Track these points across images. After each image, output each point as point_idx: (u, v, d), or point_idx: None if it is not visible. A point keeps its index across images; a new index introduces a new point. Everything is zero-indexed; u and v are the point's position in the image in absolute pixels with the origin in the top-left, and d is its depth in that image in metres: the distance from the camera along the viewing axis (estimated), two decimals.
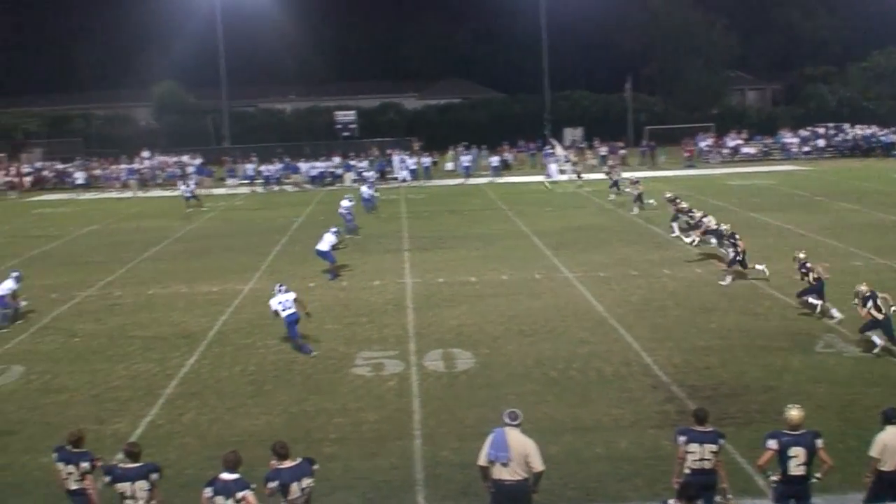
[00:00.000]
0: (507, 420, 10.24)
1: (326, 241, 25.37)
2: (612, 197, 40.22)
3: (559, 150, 55.49)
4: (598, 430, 13.72)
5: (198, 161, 60.65)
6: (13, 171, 61.09)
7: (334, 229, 26.38)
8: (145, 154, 64.05)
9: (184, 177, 53.65)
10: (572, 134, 71.22)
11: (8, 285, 21.39)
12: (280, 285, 18.74)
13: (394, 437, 13.70)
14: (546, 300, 21.77)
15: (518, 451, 10.01)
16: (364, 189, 39.80)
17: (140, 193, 52.62)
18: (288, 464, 9.66)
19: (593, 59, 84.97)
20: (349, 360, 17.38)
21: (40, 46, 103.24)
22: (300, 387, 16.00)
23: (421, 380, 16.17)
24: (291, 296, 18.27)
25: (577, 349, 17.69)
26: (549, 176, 50.31)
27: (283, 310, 18.02)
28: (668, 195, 31.50)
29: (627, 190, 38.30)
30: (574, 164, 51.92)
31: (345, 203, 32.89)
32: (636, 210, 35.77)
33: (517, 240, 30.75)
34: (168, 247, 32.18)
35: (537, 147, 63.35)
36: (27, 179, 59.83)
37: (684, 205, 29.49)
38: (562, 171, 51.08)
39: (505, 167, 57.53)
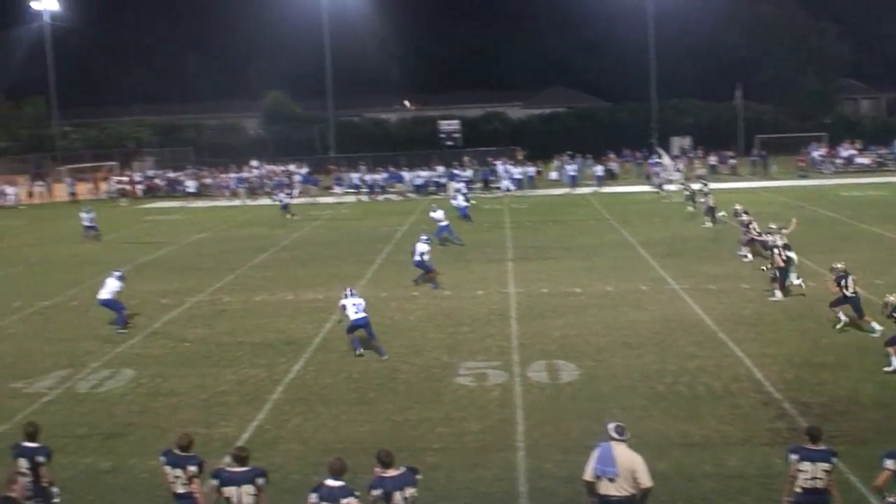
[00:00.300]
0: (613, 434, 10.02)
1: (418, 251, 25.45)
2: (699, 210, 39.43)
3: (666, 160, 54.70)
4: (707, 446, 13.35)
5: (304, 170, 61.68)
6: (126, 178, 63.06)
7: (424, 237, 26.36)
8: (254, 163, 65.37)
9: (290, 185, 54.64)
10: (680, 143, 70.19)
11: (114, 286, 21.79)
12: (350, 289, 19.11)
13: (497, 448, 13.56)
14: (653, 312, 21.37)
15: (625, 467, 9.78)
16: (458, 199, 39.88)
17: (248, 202, 53.73)
18: (392, 472, 9.60)
19: (702, 66, 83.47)
20: (452, 370, 17.32)
21: (154, 58, 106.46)
22: (404, 395, 16.00)
23: (524, 391, 15.99)
24: (361, 301, 18.72)
25: (685, 363, 17.29)
26: (655, 186, 49.63)
27: (356, 312, 18.45)
28: (737, 207, 30.84)
29: (702, 201, 37.67)
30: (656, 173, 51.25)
31: (433, 214, 33.13)
32: (708, 223, 35.03)
33: (623, 250, 30.34)
34: (275, 254, 32.70)
35: (643, 156, 62.61)
36: (139, 187, 61.67)
37: (745, 217, 28.70)
38: (669, 181, 50.32)
39: (610, 177, 57.01)
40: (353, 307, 18.56)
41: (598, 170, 55.79)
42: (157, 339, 20.86)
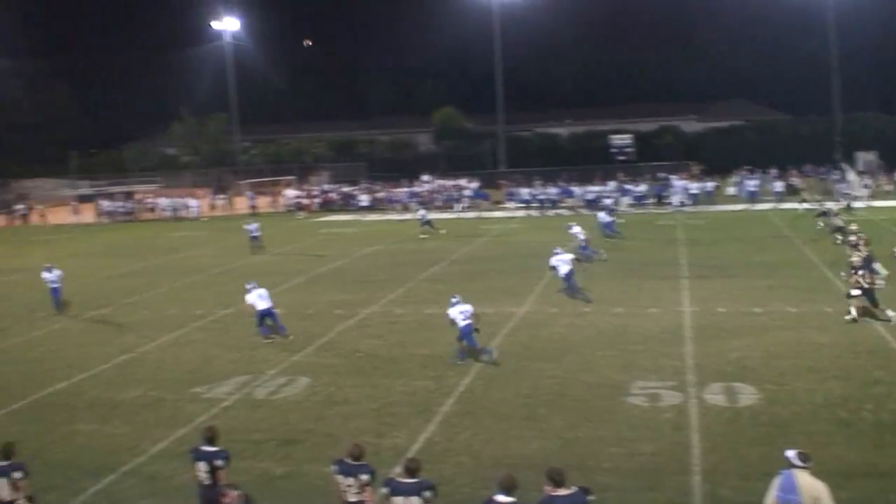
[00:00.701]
0: (796, 461, 9.55)
1: (562, 262, 25.67)
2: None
3: (851, 175, 52.37)
4: (893, 475, 12.58)
5: (474, 185, 62.09)
6: (303, 193, 65.15)
7: (558, 250, 26.56)
8: (425, 178, 66.29)
9: (457, 200, 55.17)
10: (865, 158, 67.06)
11: (266, 293, 22.68)
12: (455, 297, 20.00)
13: (671, 471, 13.14)
14: (837, 335, 20.31)
15: (809, 495, 9.29)
16: (601, 214, 39.36)
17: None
18: (563, 491, 9.36)
19: (888, 77, 79.54)
20: (624, 389, 16.92)
21: (330, 75, 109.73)
22: (574, 413, 15.72)
23: (700, 413, 15.44)
24: (468, 307, 19.45)
25: (871, 389, 16.33)
26: (839, 202, 47.57)
27: (464, 319, 19.12)
28: (852, 226, 29.11)
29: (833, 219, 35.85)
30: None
31: (571, 231, 33.18)
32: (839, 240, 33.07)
33: (805, 270, 29.06)
34: (445, 268, 32.98)
35: (825, 171, 60.13)
36: (315, 201, 63.50)
37: (853, 238, 27.07)
38: (854, 198, 48.14)
39: (791, 192, 54.93)
40: (461, 315, 19.14)
41: (777, 185, 53.93)
42: (331, 348, 21.33)
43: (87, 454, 14.88)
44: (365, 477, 10.27)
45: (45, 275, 27.87)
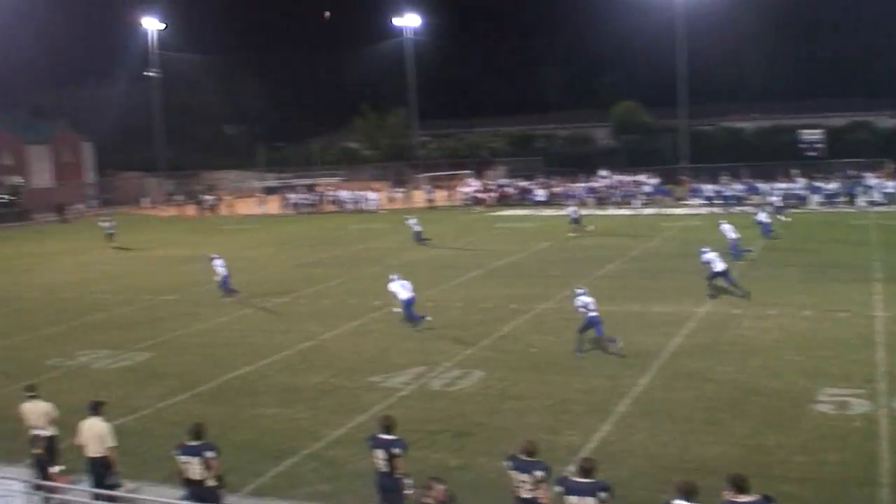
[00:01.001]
0: None
1: (719, 262, 25.59)
2: None
3: None
4: None
5: (654, 181, 60.96)
6: (480, 186, 65.62)
7: (705, 249, 26.42)
8: (603, 173, 65.52)
9: (633, 196, 54.26)
10: None
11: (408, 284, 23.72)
12: (581, 289, 20.80)
13: (858, 482, 12.54)
14: None
15: None
16: (760, 214, 37.95)
17: (597, 211, 53.80)
18: (745, 498, 9.05)
19: None
20: (811, 395, 16.19)
21: (508, 70, 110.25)
22: (758, 419, 15.15)
23: (890, 423, 14.63)
24: (592, 300, 20.04)
25: None
26: None
27: (589, 311, 19.74)
28: None
29: None
30: None
31: (721, 228, 32.58)
32: None
33: None
34: (623, 265, 32.52)
35: None
36: (492, 195, 63.82)
37: None
38: None
39: None
40: (590, 305, 19.89)
41: None
42: (506, 342, 21.36)
43: (269, 437, 15.41)
44: (539, 474, 10.18)
45: (214, 263, 29.46)
